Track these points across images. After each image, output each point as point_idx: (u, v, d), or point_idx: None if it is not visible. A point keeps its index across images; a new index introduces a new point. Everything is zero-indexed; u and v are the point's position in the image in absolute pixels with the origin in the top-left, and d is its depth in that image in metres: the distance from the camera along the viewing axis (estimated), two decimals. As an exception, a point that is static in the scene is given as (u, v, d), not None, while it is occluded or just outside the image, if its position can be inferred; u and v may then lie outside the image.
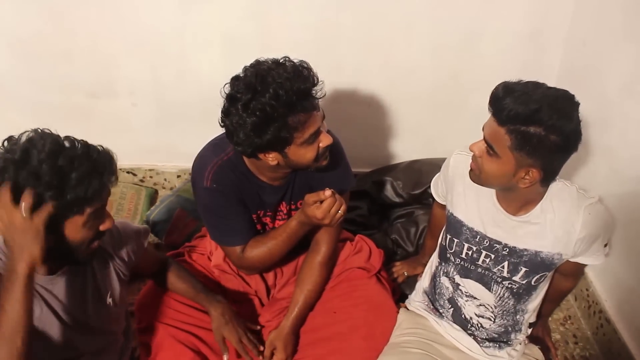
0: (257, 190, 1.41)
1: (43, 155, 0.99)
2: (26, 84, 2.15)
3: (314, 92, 1.22)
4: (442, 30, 1.99)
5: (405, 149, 2.29)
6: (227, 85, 1.23)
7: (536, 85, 1.11)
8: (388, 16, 1.95)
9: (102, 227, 1.11)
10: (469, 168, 1.27)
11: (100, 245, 1.17)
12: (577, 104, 1.11)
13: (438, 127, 2.23)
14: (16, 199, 0.98)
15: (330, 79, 2.13)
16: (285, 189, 1.43)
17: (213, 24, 1.98)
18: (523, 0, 1.91)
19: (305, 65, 1.22)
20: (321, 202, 1.25)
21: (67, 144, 1.04)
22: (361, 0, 1.92)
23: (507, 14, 1.93)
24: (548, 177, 1.18)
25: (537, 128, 1.07)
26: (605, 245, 1.33)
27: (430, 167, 2.09)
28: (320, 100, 1.26)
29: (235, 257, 1.42)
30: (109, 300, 1.27)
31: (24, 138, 1.03)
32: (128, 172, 2.37)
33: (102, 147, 1.10)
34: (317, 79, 1.23)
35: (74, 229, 1.06)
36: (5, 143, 1.04)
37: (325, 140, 1.27)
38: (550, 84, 1.15)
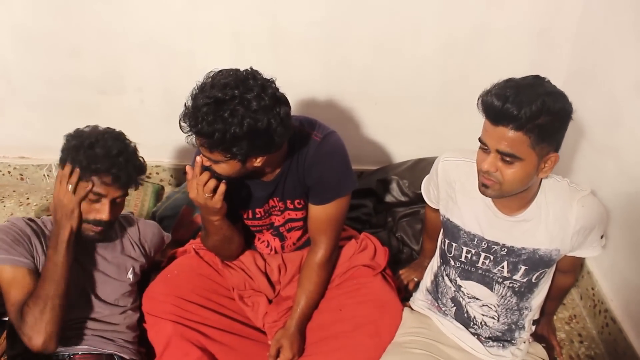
0: (247, 185, 1.43)
1: (102, 146, 1.30)
2: (35, 79, 2.17)
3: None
4: (450, 28, 1.98)
5: (411, 147, 2.28)
6: None
7: (517, 83, 1.14)
8: (396, 14, 1.95)
9: (96, 215, 1.33)
10: (476, 183, 1.25)
11: (126, 230, 1.52)
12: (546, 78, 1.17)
13: (445, 125, 2.23)
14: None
15: (338, 77, 2.15)
16: (275, 185, 1.44)
17: (222, 21, 1.99)
18: (532, -1, 1.90)
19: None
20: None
21: (120, 142, 1.34)
22: (369, -2, 1.93)
23: (515, 12, 1.93)
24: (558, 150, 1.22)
25: (546, 117, 1.10)
26: (602, 237, 1.35)
27: (437, 166, 2.09)
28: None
29: (202, 237, 1.58)
30: (129, 276, 1.48)
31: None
32: (135, 168, 2.39)
33: (142, 158, 1.41)
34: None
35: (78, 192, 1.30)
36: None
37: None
38: (559, 82, 1.16)
